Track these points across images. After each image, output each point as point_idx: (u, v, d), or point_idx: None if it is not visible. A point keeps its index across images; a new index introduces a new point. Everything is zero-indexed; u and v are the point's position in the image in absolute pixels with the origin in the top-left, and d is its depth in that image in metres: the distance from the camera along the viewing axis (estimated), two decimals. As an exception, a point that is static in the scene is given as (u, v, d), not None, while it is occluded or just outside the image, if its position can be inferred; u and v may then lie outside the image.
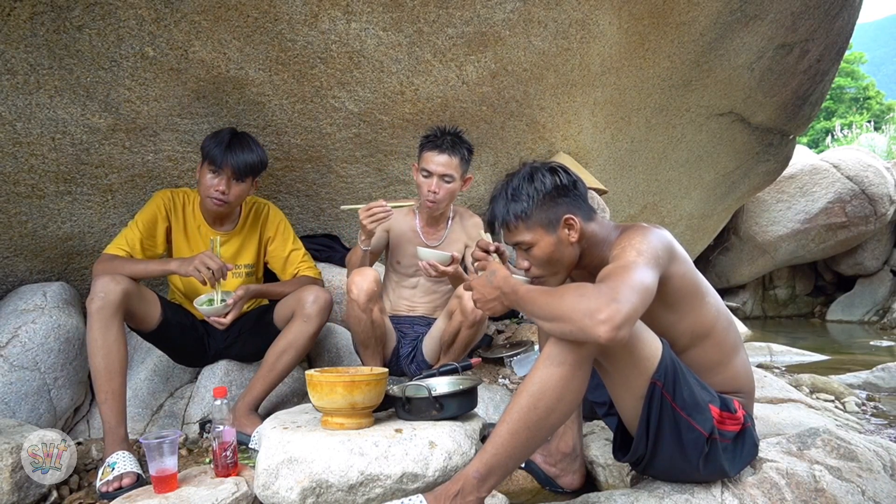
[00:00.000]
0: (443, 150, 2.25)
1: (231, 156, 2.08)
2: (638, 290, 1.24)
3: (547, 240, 1.49)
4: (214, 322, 2.07)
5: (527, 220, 1.49)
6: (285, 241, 2.33)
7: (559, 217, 1.49)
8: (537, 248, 1.50)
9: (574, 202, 1.51)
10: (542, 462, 1.82)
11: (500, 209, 1.53)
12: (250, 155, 2.13)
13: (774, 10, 3.53)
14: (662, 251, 1.36)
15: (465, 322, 2.14)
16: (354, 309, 2.13)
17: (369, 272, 2.15)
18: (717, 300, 1.53)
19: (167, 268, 2.01)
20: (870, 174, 6.27)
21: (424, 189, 2.29)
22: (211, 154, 2.09)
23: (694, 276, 1.47)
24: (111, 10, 2.01)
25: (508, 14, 2.63)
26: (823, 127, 16.60)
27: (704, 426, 1.38)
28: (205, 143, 2.15)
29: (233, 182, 2.11)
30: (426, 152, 2.28)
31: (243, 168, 2.10)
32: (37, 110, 2.14)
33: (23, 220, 2.39)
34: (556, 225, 1.49)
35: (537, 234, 1.50)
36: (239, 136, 2.16)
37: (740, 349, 1.55)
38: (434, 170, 2.26)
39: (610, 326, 1.19)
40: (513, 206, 1.50)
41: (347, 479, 1.41)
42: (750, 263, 6.75)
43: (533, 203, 1.48)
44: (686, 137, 4.26)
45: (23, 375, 2.12)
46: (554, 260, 1.51)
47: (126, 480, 1.70)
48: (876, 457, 1.56)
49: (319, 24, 2.33)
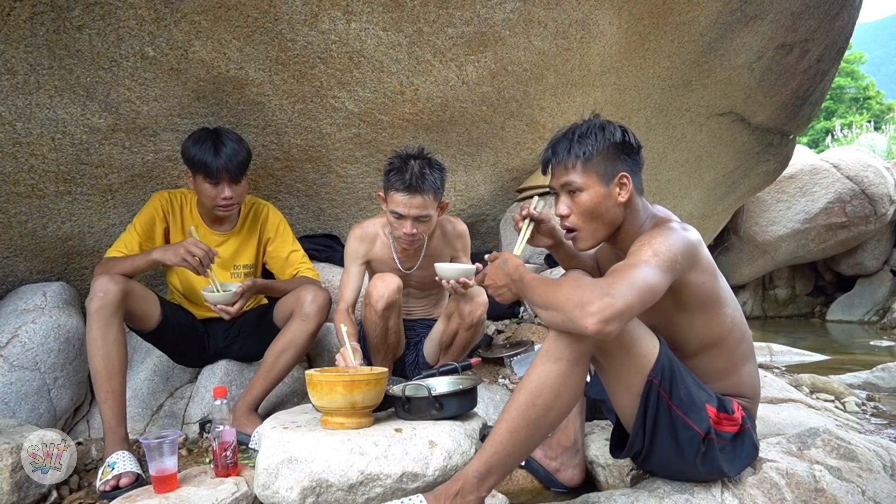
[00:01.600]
0: (413, 190, 1.96)
1: (223, 162, 2.05)
2: (638, 288, 1.23)
3: (597, 189, 1.47)
4: (222, 311, 2.04)
5: (586, 162, 1.46)
6: (285, 242, 2.33)
7: (616, 172, 1.47)
8: (585, 195, 1.47)
9: (634, 166, 1.50)
10: (543, 457, 1.82)
11: (562, 146, 1.50)
12: (238, 153, 2.10)
13: (774, 10, 3.53)
14: (682, 256, 1.33)
15: (462, 324, 2.13)
16: (371, 314, 2.10)
17: (392, 279, 2.07)
18: (736, 312, 1.50)
19: (151, 257, 1.98)
20: (870, 174, 6.27)
21: (398, 230, 2.05)
22: (202, 166, 2.05)
23: (713, 286, 1.44)
24: (111, 10, 2.01)
25: (508, 14, 2.63)
26: (823, 127, 16.60)
27: (700, 425, 1.38)
28: (188, 152, 2.08)
29: (233, 185, 2.11)
30: (394, 193, 1.99)
31: (238, 170, 2.10)
32: (37, 110, 2.14)
33: (23, 220, 2.39)
34: (611, 179, 1.47)
35: (590, 180, 1.47)
36: (218, 137, 2.10)
37: (749, 360, 1.54)
38: (406, 213, 1.99)
39: (598, 319, 1.18)
40: (577, 146, 1.48)
41: (347, 479, 1.41)
42: (750, 263, 6.75)
43: (598, 148, 1.46)
44: (686, 137, 4.26)
45: (23, 375, 2.12)
46: (597, 213, 1.48)
47: (126, 480, 1.70)
48: (876, 457, 1.56)
49: (319, 24, 2.33)
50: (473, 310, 2.10)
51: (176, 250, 1.93)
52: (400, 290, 2.08)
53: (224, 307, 2.04)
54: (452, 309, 2.15)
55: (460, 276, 1.98)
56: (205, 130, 2.13)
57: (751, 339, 1.57)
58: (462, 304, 2.09)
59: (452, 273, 1.98)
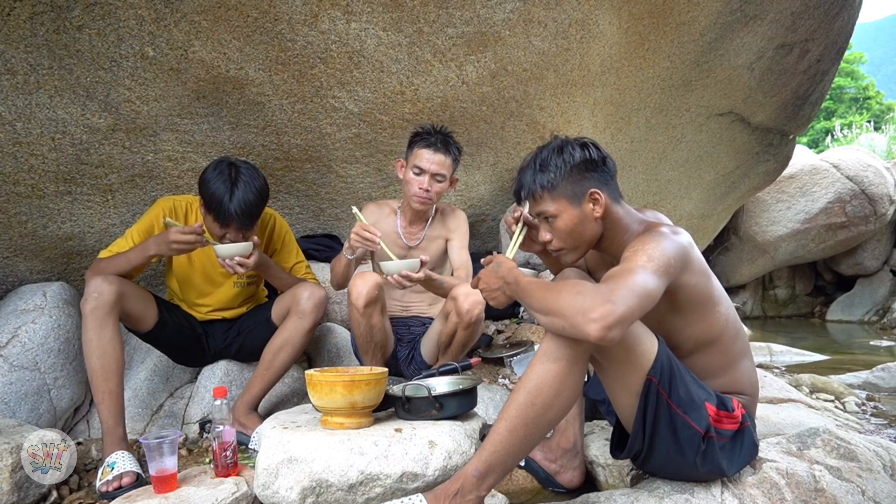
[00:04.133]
0: (437, 148, 2.23)
1: (234, 209, 1.92)
2: (638, 293, 1.23)
3: (571, 212, 1.49)
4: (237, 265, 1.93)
5: (552, 190, 1.49)
6: (289, 254, 2.32)
7: (585, 191, 1.48)
8: (560, 220, 1.50)
9: (602, 178, 1.51)
10: (542, 458, 1.83)
11: (528, 178, 1.53)
12: (252, 204, 1.96)
13: (774, 10, 3.53)
14: (675, 260, 1.34)
15: (460, 323, 2.13)
16: (354, 313, 2.12)
17: (371, 277, 2.10)
18: (729, 310, 1.52)
19: (147, 252, 1.93)
20: (870, 174, 6.27)
21: (415, 186, 2.25)
22: (214, 206, 1.94)
23: (706, 287, 1.45)
24: (111, 10, 2.01)
25: (508, 14, 2.63)
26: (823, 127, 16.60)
27: (700, 424, 1.38)
28: (205, 186, 1.95)
29: (239, 234, 2.00)
30: (420, 149, 2.24)
31: (249, 221, 1.99)
32: (37, 110, 2.14)
33: (23, 220, 2.39)
34: (581, 198, 1.48)
35: (562, 206, 1.49)
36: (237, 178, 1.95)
37: (745, 357, 1.55)
38: (427, 167, 2.22)
39: (601, 326, 1.19)
40: (540, 177, 1.50)
41: (347, 479, 1.41)
42: (750, 263, 6.74)
43: (560, 174, 1.48)
44: (686, 137, 4.26)
45: (23, 375, 2.12)
46: (576, 233, 1.50)
47: (126, 480, 1.70)
48: (876, 457, 1.56)
49: (319, 24, 2.33)
50: (471, 308, 2.10)
51: (165, 240, 1.88)
52: (379, 287, 2.11)
53: (242, 259, 1.93)
54: (450, 308, 2.15)
55: (402, 270, 2.00)
56: (227, 166, 1.97)
57: (746, 337, 1.58)
58: (461, 302, 2.10)
59: (394, 268, 2.00)
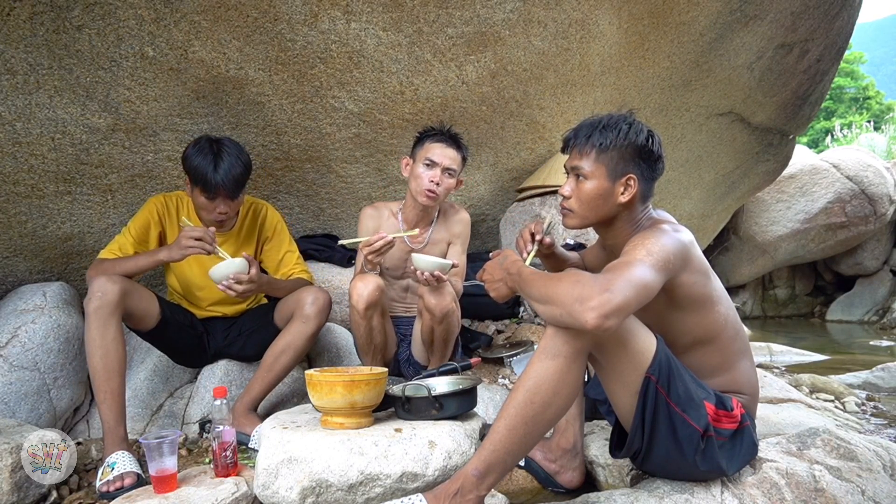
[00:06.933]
0: (449, 144, 2.24)
1: (220, 177, 2.00)
2: (635, 285, 1.24)
3: (602, 182, 1.49)
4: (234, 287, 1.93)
5: (601, 153, 1.49)
6: (281, 243, 2.32)
7: (626, 172, 1.49)
8: (588, 183, 1.50)
9: (646, 172, 1.51)
10: (542, 459, 1.82)
11: (585, 131, 1.52)
12: (236, 168, 2.04)
13: (774, 10, 3.53)
14: (675, 257, 1.35)
15: (434, 318, 2.11)
16: (354, 315, 2.12)
17: (372, 279, 2.10)
18: (729, 310, 1.52)
19: (157, 257, 1.98)
20: (869, 174, 6.27)
21: (425, 180, 2.21)
22: (201, 179, 2.01)
23: (705, 285, 1.46)
24: (111, 10, 2.01)
25: (508, 14, 2.63)
26: (823, 127, 16.59)
27: (699, 422, 1.38)
28: (188, 161, 2.03)
29: (229, 201, 2.08)
30: (432, 144, 2.24)
31: (235, 187, 2.05)
32: (37, 110, 2.14)
33: (23, 220, 2.39)
34: (619, 177, 1.49)
35: (598, 172, 1.49)
36: (219, 149, 2.04)
37: (745, 357, 1.55)
38: (440, 161, 2.21)
39: (598, 314, 1.19)
40: (597, 135, 1.49)
41: (347, 479, 1.41)
42: (750, 263, 6.75)
43: (616, 144, 1.48)
44: (686, 137, 4.26)
45: (23, 375, 2.12)
46: (594, 204, 1.51)
47: (126, 480, 1.70)
48: (876, 457, 1.56)
49: (319, 24, 2.33)
50: (439, 301, 2.08)
51: (178, 244, 1.93)
52: (380, 288, 2.10)
53: (238, 276, 1.94)
54: (421, 306, 2.14)
55: (436, 269, 2.00)
56: (207, 141, 2.07)
57: (745, 337, 1.58)
58: (428, 298, 2.08)
59: (430, 265, 2.00)
